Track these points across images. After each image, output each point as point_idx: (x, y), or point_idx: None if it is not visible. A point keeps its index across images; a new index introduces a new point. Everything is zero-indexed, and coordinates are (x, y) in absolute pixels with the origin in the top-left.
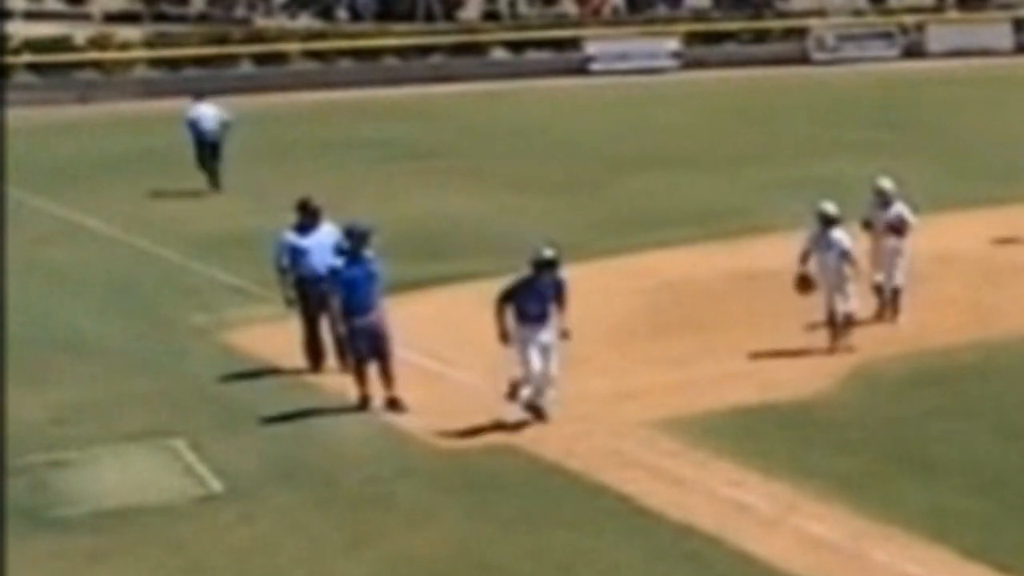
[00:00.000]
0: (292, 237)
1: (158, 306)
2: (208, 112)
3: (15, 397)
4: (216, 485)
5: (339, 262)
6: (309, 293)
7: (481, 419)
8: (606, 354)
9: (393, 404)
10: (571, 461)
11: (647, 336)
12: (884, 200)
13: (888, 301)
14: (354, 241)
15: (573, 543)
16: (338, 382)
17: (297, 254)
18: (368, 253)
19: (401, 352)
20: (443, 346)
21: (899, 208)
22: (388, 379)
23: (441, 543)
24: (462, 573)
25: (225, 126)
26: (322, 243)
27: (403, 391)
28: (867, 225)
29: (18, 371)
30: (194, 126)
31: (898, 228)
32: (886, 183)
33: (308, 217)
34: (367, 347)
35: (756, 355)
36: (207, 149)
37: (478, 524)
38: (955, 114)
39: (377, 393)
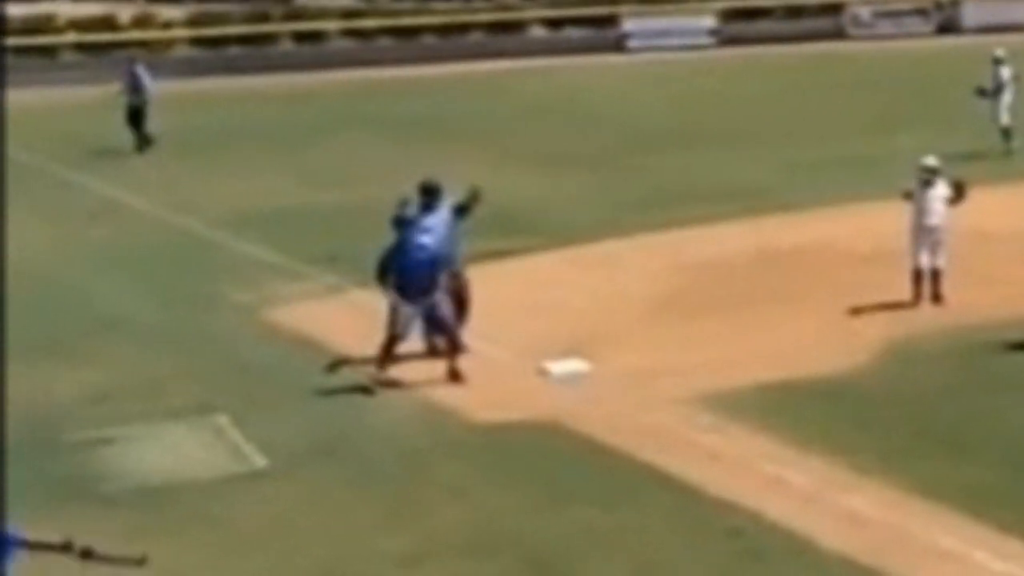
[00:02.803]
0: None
1: (201, 284)
2: (143, 74)
3: (58, 375)
4: (258, 461)
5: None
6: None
7: (521, 396)
8: (641, 331)
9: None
10: (609, 437)
11: (682, 313)
12: (929, 179)
13: (930, 283)
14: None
15: (610, 518)
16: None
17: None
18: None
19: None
20: (481, 322)
21: (943, 189)
22: (451, 350)
23: (477, 519)
24: (498, 550)
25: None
26: (446, 222)
27: (443, 367)
28: (908, 196)
29: (62, 349)
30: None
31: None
32: (932, 161)
33: (430, 199)
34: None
35: (791, 332)
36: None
37: (515, 499)
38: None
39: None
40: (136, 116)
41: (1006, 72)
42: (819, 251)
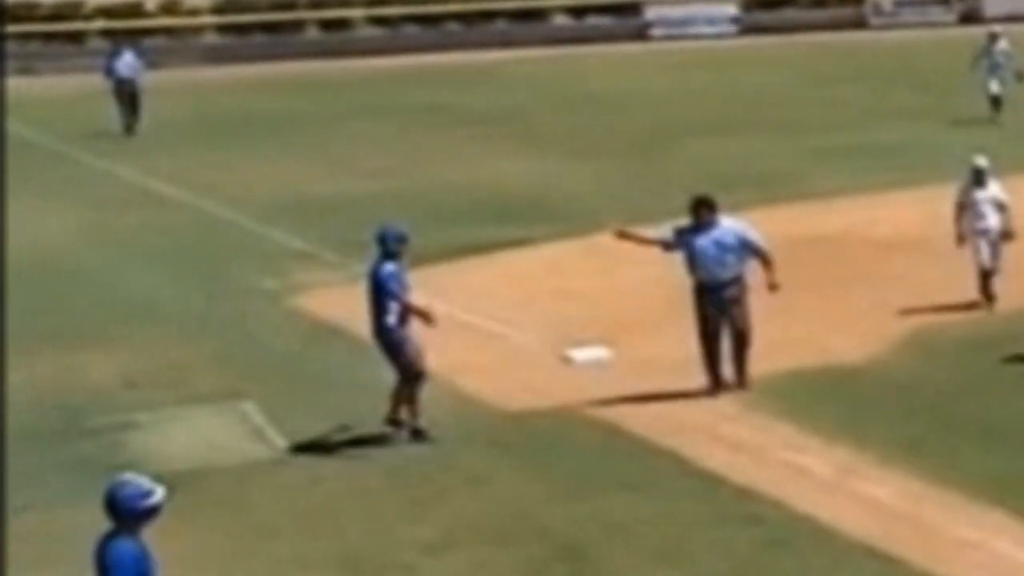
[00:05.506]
0: (689, 240)
1: (227, 270)
2: (126, 58)
3: (87, 360)
4: (284, 447)
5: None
6: (709, 301)
7: (544, 383)
8: (664, 319)
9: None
10: (631, 425)
11: None
12: (980, 179)
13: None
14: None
15: (633, 506)
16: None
17: (693, 257)
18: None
19: (465, 315)
20: (506, 309)
21: (995, 188)
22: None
23: (501, 506)
24: (521, 536)
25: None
26: (721, 243)
27: (467, 354)
28: (961, 208)
29: (89, 335)
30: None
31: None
32: (982, 161)
33: (709, 214)
34: None
35: (815, 319)
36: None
37: (538, 487)
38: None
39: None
40: (125, 99)
41: (1004, 45)
42: (841, 239)
